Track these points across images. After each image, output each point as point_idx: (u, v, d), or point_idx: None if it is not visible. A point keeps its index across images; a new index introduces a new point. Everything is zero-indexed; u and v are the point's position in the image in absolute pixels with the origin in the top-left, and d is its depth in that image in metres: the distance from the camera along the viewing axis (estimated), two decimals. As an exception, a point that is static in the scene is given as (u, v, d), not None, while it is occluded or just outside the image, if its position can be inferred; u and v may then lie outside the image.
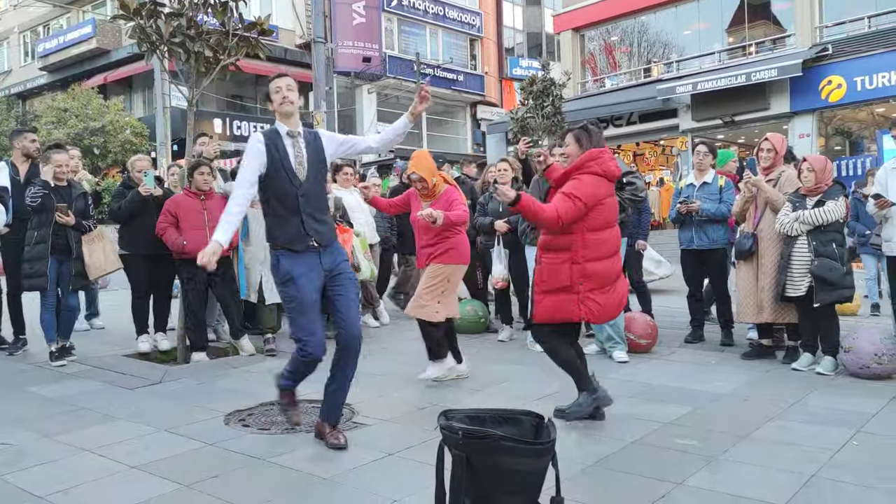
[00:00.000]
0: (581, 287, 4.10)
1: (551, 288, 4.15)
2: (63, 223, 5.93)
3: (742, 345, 6.24)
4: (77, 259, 6.06)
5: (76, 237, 6.06)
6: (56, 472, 3.52)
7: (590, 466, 3.48)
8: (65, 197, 6.03)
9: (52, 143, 6.78)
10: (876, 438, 3.83)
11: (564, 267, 4.12)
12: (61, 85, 27.69)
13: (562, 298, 4.13)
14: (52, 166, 6.06)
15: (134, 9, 5.82)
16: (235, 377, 5.54)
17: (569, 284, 4.10)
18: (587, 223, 4.10)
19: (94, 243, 6.19)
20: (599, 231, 4.14)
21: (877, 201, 5.20)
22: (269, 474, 3.45)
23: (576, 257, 4.10)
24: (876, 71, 17.01)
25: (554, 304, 4.15)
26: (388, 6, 28.97)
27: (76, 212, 6.06)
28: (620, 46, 23.53)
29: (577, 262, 4.10)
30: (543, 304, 4.20)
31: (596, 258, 4.12)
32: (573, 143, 4.25)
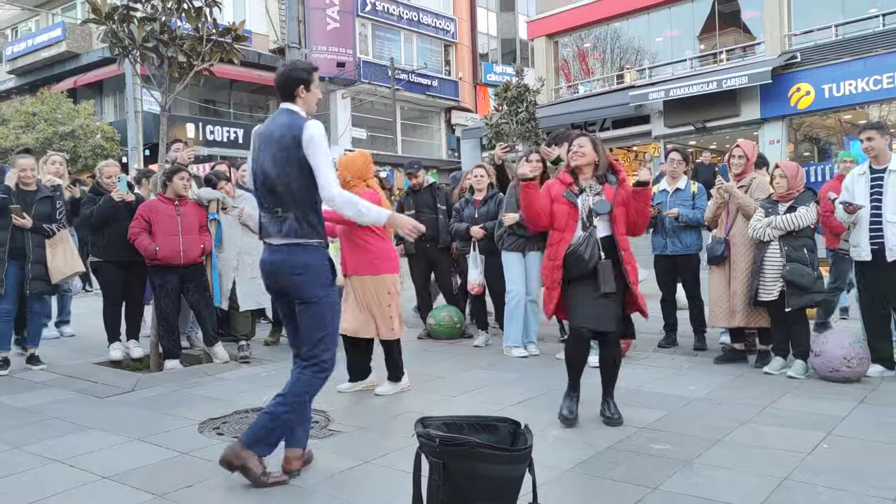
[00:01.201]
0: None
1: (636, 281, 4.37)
2: (19, 226, 5.83)
3: (715, 349, 6.31)
4: (38, 263, 5.96)
5: (37, 241, 5.96)
6: (26, 483, 3.46)
7: (566, 472, 3.49)
8: (27, 200, 5.93)
9: (21, 148, 6.70)
10: (846, 441, 3.89)
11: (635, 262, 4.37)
12: (30, 89, 27.23)
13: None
14: (16, 171, 5.99)
15: (106, 13, 5.76)
16: (209, 385, 5.48)
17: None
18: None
19: (57, 246, 6.10)
20: None
21: (846, 207, 5.30)
22: (244, 483, 3.41)
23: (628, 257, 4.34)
24: (843, 79, 17.33)
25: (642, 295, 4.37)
26: (362, 11, 28.93)
27: (39, 215, 5.96)
28: (593, 53, 23.72)
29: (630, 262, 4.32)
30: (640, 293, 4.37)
31: None
32: (590, 145, 4.36)
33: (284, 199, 3.38)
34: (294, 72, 3.46)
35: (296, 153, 3.33)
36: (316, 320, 3.41)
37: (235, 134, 25.30)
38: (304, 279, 3.38)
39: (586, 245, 4.19)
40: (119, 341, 6.46)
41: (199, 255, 6.12)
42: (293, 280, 3.39)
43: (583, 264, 4.19)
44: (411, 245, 7.51)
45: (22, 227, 5.85)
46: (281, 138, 3.37)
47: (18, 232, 5.86)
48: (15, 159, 6.07)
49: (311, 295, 3.39)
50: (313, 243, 3.40)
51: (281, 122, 3.42)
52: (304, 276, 3.38)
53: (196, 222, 6.11)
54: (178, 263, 5.95)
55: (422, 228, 3.72)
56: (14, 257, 5.87)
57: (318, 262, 3.41)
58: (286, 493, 3.29)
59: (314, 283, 3.39)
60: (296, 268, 3.38)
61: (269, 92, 27.16)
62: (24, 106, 23.17)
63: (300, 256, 3.38)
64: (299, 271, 3.37)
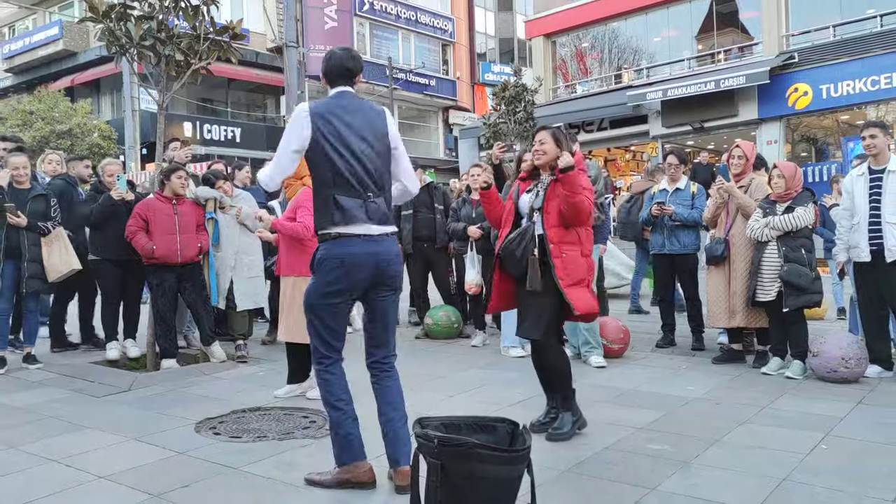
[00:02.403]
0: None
1: (575, 281, 3.97)
2: (14, 224, 5.81)
3: (713, 349, 6.31)
4: (34, 261, 5.93)
5: (33, 239, 5.93)
6: (22, 483, 3.45)
7: (564, 473, 3.48)
8: (21, 198, 5.90)
9: (13, 146, 6.64)
10: (844, 442, 3.89)
11: (581, 260, 4.02)
12: (27, 87, 27.17)
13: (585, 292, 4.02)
14: (9, 170, 5.94)
15: (103, 11, 5.74)
16: (206, 384, 5.47)
17: (584, 277, 4.02)
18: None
19: (53, 244, 6.06)
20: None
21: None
22: (241, 483, 3.41)
23: (585, 251, 4.06)
24: (841, 79, 17.34)
25: (583, 297, 3.98)
26: (360, 10, 28.91)
27: (33, 213, 5.93)
28: (591, 53, 23.72)
29: (586, 255, 4.06)
30: (576, 296, 3.95)
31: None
32: (551, 141, 4.12)
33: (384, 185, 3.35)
34: (360, 57, 3.47)
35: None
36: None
37: (233, 133, 25.27)
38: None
39: (519, 240, 3.96)
40: (116, 340, 6.44)
41: (196, 255, 6.10)
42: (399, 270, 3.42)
43: (515, 261, 3.98)
44: (409, 245, 7.51)
45: (17, 225, 5.82)
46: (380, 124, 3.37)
47: (13, 230, 5.84)
48: (6, 157, 6.03)
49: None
50: None
51: (377, 109, 3.42)
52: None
53: (193, 221, 6.09)
54: (176, 262, 5.94)
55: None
56: (9, 256, 5.85)
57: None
58: (284, 493, 3.28)
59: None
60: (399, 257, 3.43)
61: (266, 91, 27.16)
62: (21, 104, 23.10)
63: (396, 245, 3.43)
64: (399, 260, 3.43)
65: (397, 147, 3.40)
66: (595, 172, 5.96)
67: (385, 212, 3.29)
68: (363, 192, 3.22)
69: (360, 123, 3.28)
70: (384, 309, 3.37)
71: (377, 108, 3.41)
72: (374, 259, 3.23)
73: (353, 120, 3.26)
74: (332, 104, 3.28)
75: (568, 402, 4.09)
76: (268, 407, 4.76)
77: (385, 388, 3.36)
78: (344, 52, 3.39)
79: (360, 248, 3.20)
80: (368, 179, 3.24)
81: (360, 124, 3.27)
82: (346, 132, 3.22)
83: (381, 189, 3.29)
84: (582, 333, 5.96)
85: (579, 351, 6.07)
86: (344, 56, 3.36)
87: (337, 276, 3.20)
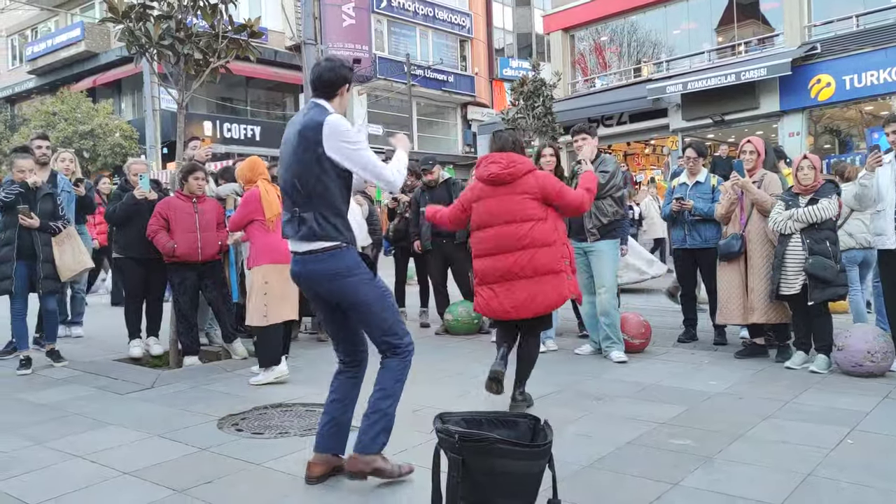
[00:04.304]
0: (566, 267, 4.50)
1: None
2: (27, 226, 5.83)
3: (735, 344, 6.25)
4: (47, 261, 5.96)
5: (44, 239, 5.96)
6: (48, 479, 3.49)
7: (586, 468, 3.47)
8: (29, 199, 5.93)
9: (18, 146, 6.62)
10: (870, 436, 3.83)
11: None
12: (50, 88, 27.52)
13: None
14: (15, 171, 5.94)
15: (123, 12, 5.78)
16: (228, 381, 5.50)
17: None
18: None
19: (64, 244, 6.10)
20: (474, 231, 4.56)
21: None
22: (264, 479, 3.43)
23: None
24: (864, 69, 17.08)
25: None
26: (377, 7, 28.93)
27: (42, 213, 5.95)
28: (610, 46, 23.56)
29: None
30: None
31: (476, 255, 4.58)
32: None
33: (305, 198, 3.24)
34: (343, 69, 3.34)
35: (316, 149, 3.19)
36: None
37: (252, 131, 25.42)
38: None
39: None
40: (139, 338, 6.50)
41: (216, 252, 6.14)
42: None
43: None
44: (428, 241, 7.51)
45: (30, 227, 5.84)
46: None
47: (25, 231, 5.85)
48: (13, 159, 6.00)
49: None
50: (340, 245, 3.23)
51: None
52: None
53: (214, 219, 6.13)
54: (196, 260, 5.98)
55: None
56: (22, 256, 5.87)
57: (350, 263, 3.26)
58: (302, 489, 3.29)
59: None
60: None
61: (285, 89, 27.28)
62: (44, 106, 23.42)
63: (329, 263, 3.22)
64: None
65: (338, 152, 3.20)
66: (613, 167, 5.92)
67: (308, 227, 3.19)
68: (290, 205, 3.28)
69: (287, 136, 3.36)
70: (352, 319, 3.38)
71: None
72: (297, 278, 3.35)
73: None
74: None
75: None
76: (290, 403, 4.79)
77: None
78: (324, 63, 3.37)
79: (291, 267, 3.35)
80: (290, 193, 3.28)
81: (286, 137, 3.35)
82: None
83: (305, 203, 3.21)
84: (603, 329, 5.93)
85: (600, 346, 6.04)
86: (323, 67, 3.34)
87: None
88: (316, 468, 3.36)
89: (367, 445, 3.24)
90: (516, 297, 4.39)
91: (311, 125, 3.19)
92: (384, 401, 3.27)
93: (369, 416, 3.27)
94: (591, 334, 6.23)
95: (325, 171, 3.18)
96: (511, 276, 4.40)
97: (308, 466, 3.38)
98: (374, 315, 3.27)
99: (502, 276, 4.42)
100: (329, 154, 3.16)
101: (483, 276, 4.52)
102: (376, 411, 3.26)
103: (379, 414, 3.26)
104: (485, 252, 4.50)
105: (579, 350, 6.24)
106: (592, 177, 4.78)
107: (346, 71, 3.35)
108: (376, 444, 3.25)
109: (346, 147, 3.17)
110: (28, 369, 5.93)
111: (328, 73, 3.30)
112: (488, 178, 4.48)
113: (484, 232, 4.49)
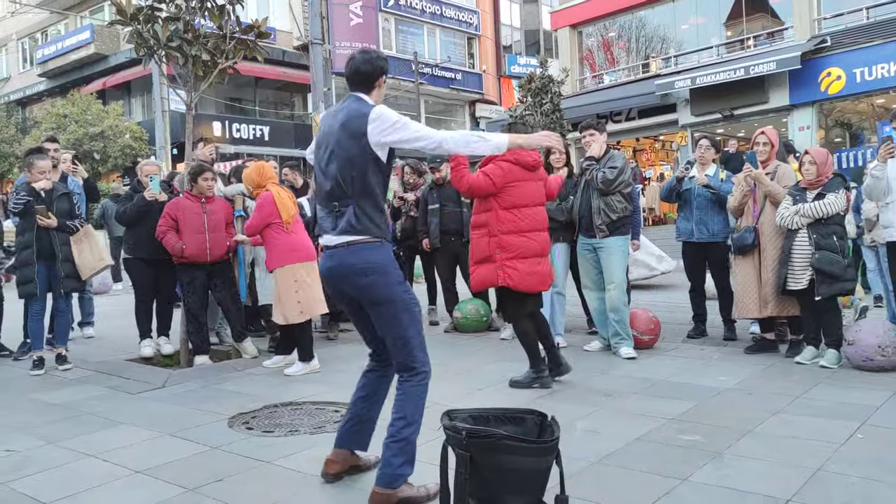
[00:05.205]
0: (498, 257, 4.87)
1: (478, 259, 4.98)
2: (45, 226, 5.85)
3: (745, 339, 6.23)
4: (67, 261, 5.98)
5: (63, 239, 5.98)
6: (61, 478, 3.52)
7: (594, 464, 3.47)
8: (45, 200, 5.94)
9: (33, 148, 6.58)
10: (881, 431, 3.82)
11: (483, 241, 4.94)
12: (60, 91, 27.69)
13: (486, 268, 4.93)
14: (34, 171, 5.95)
15: (131, 14, 5.82)
16: (239, 380, 5.54)
17: (488, 255, 4.90)
18: (500, 201, 4.88)
19: (82, 242, 6.13)
20: (513, 209, 4.90)
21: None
22: (274, 477, 3.45)
23: (492, 231, 4.90)
24: (875, 62, 16.97)
25: (481, 274, 4.97)
26: (385, 6, 28.94)
27: (60, 213, 5.97)
28: (618, 42, 23.50)
29: (494, 234, 4.89)
30: (474, 274, 5.04)
31: (510, 231, 4.89)
32: None
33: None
34: (379, 60, 3.27)
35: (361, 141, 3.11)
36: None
37: (261, 131, 25.48)
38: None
39: None
40: (150, 338, 6.54)
41: (225, 253, 6.17)
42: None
43: None
44: (436, 239, 7.52)
45: (48, 227, 5.86)
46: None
47: (44, 232, 5.88)
48: (32, 160, 5.98)
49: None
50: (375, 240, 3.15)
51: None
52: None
53: (223, 220, 6.16)
54: (205, 261, 6.01)
55: (555, 139, 3.58)
56: (42, 257, 5.90)
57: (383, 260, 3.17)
58: (312, 487, 3.31)
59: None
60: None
61: (293, 89, 27.33)
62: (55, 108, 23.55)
63: (363, 255, 3.12)
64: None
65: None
66: (621, 163, 5.91)
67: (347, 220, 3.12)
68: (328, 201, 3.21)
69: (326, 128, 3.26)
70: (371, 319, 3.24)
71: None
72: (326, 274, 3.26)
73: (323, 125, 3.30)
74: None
75: (533, 361, 5.00)
76: (300, 402, 4.81)
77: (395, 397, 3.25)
78: (360, 56, 3.30)
79: (322, 263, 3.28)
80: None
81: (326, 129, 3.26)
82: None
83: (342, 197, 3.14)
84: (612, 325, 5.92)
85: (609, 342, 6.04)
86: (360, 59, 3.28)
87: None
88: (333, 465, 3.35)
89: (393, 479, 3.02)
90: (546, 270, 5.00)
91: (356, 117, 3.13)
92: (407, 429, 3.06)
93: (391, 445, 3.04)
94: (600, 330, 6.22)
95: (368, 164, 3.11)
96: (543, 253, 4.99)
97: (326, 463, 3.36)
98: (399, 324, 3.12)
99: (537, 253, 4.92)
100: (374, 145, 3.09)
101: (523, 251, 4.87)
102: (399, 440, 3.04)
103: (402, 443, 3.04)
104: (528, 228, 4.91)
105: (588, 346, 6.24)
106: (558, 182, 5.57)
107: (383, 62, 3.30)
108: (401, 477, 3.04)
109: (393, 128, 3.10)
110: (41, 370, 5.97)
111: (365, 66, 3.24)
112: (533, 163, 4.99)
113: (522, 211, 4.91)
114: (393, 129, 3.10)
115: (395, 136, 3.10)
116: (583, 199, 6.00)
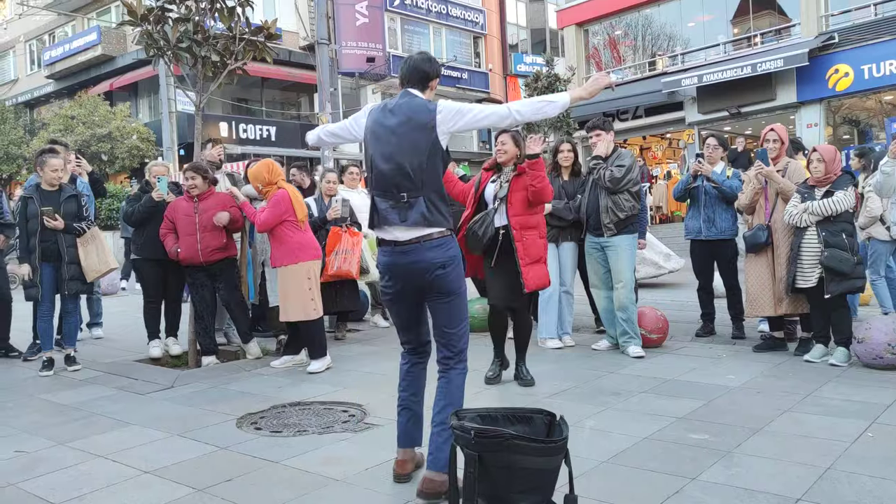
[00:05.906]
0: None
1: (534, 260, 4.94)
2: (52, 227, 5.84)
3: (753, 338, 6.21)
4: (73, 263, 5.97)
5: (70, 240, 5.96)
6: (70, 478, 3.54)
7: (603, 463, 3.47)
8: (53, 201, 5.94)
9: (45, 147, 6.51)
10: (891, 429, 3.80)
11: (539, 242, 5.02)
12: (68, 92, 27.78)
13: (541, 268, 4.99)
14: (48, 170, 5.94)
15: (141, 15, 5.84)
16: (246, 380, 5.55)
17: (542, 255, 5.01)
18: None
19: (89, 244, 6.11)
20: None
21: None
22: (283, 477, 3.46)
23: (542, 233, 5.07)
24: (883, 58, 16.91)
25: (538, 274, 4.96)
26: (391, 6, 28.94)
27: (67, 214, 5.94)
28: (624, 40, 23.46)
29: (542, 237, 5.08)
30: (531, 274, 4.91)
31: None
32: (511, 142, 4.98)
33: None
34: (436, 63, 3.35)
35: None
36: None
37: (268, 131, 25.52)
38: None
39: (482, 222, 4.85)
40: (158, 339, 6.56)
41: (218, 249, 6.05)
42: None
43: (476, 239, 4.84)
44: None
45: (55, 228, 5.85)
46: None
47: (49, 233, 5.86)
48: (45, 159, 5.96)
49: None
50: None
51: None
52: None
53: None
54: (199, 262, 6.01)
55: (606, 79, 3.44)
56: (47, 259, 5.90)
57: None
58: (325, 487, 3.32)
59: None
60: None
61: (300, 89, 27.36)
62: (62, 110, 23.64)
63: (443, 250, 3.20)
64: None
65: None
66: (629, 161, 5.90)
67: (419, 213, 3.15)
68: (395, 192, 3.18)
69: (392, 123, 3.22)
70: (433, 310, 3.29)
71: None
72: (392, 268, 3.25)
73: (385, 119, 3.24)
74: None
75: (524, 356, 5.19)
76: (308, 402, 4.82)
77: (437, 386, 3.28)
78: (419, 56, 3.35)
79: (390, 259, 3.24)
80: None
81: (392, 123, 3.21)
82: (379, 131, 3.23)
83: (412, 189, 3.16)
84: (620, 324, 5.91)
85: (617, 341, 6.03)
86: (418, 58, 3.32)
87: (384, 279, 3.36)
88: (407, 465, 3.33)
89: (447, 464, 2.93)
90: None
91: (422, 111, 3.16)
92: None
93: (441, 432, 3.10)
94: (608, 329, 6.21)
95: (436, 155, 3.17)
96: None
97: (398, 464, 3.34)
98: (463, 313, 3.27)
99: None
100: (442, 134, 3.15)
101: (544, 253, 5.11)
102: (449, 427, 3.04)
103: (446, 429, 3.07)
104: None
105: (596, 345, 6.23)
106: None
107: (439, 66, 3.38)
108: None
109: (460, 113, 3.16)
110: (50, 371, 5.99)
111: (425, 64, 3.29)
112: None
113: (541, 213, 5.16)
114: (460, 114, 3.18)
115: (464, 121, 3.18)
116: (590, 198, 5.99)
